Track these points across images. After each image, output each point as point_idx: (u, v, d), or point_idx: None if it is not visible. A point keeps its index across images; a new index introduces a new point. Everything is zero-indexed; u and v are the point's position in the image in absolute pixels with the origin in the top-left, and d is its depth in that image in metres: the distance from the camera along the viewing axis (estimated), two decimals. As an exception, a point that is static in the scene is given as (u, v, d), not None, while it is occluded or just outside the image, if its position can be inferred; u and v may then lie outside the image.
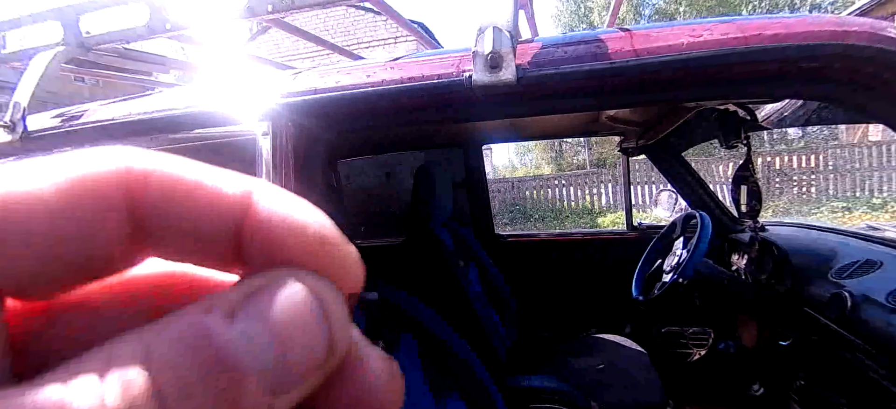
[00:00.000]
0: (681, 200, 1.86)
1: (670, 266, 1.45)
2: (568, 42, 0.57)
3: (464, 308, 1.48)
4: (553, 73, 0.53)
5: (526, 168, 15.39)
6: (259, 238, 0.10)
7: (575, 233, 2.20)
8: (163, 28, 0.82)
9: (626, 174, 2.02)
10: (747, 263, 1.56)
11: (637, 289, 1.57)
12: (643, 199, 7.64)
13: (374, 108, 0.64)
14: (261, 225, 0.10)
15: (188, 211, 0.10)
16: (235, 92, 0.74)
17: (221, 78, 1.21)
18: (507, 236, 2.26)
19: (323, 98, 0.66)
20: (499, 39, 0.54)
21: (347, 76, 0.67)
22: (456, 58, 0.61)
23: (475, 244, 1.84)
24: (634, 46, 0.52)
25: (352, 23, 11.21)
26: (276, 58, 1.74)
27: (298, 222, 0.10)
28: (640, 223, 2.03)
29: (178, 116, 0.74)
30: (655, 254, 1.63)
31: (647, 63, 0.50)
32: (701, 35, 0.50)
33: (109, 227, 0.09)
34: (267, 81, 0.73)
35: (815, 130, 7.10)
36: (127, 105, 0.84)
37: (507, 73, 0.54)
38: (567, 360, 1.63)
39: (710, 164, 7.70)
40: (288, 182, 0.69)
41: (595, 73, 0.52)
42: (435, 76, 0.60)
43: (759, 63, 0.48)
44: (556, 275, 2.06)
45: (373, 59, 0.71)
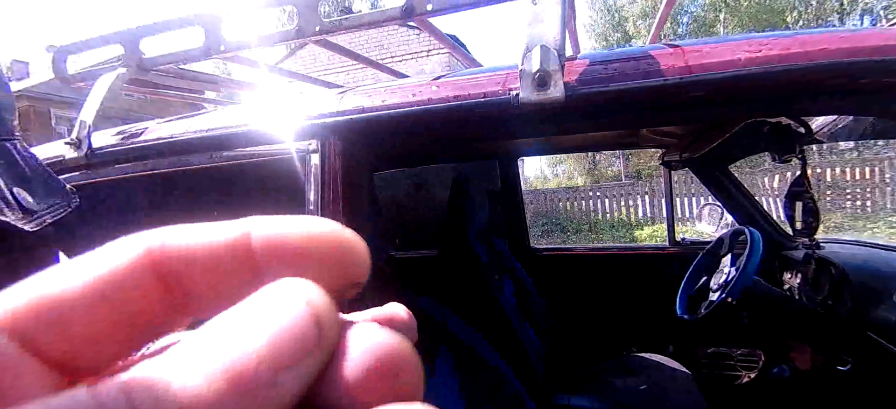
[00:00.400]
0: (727, 214, 1.78)
1: (718, 284, 1.39)
2: (617, 59, 0.56)
3: (499, 323, 1.47)
4: (603, 90, 0.52)
5: (558, 179, 15.20)
6: (266, 262, 0.12)
7: (613, 248, 2.15)
8: (217, 49, 0.87)
9: (668, 188, 1.96)
10: (802, 282, 1.48)
11: (682, 307, 1.51)
12: (684, 212, 7.39)
13: (420, 126, 0.65)
14: (263, 253, 0.12)
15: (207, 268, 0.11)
16: (287, 111, 0.76)
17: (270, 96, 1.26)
18: (542, 249, 2.23)
19: (370, 117, 0.67)
20: (546, 58, 0.53)
21: (393, 95, 0.68)
22: (502, 76, 0.61)
23: (511, 258, 1.83)
24: (687, 63, 0.51)
25: (385, 36, 11.44)
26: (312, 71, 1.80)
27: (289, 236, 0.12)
28: (683, 238, 1.97)
29: (233, 134, 0.77)
30: (701, 271, 1.56)
31: (702, 80, 0.48)
32: (760, 51, 0.48)
33: (144, 305, 0.11)
34: (317, 100, 0.75)
35: (870, 141, 6.70)
36: (184, 123, 0.88)
37: (556, 90, 0.53)
38: (608, 379, 1.58)
39: (754, 175, 7.38)
40: (335, 196, 0.71)
41: (647, 90, 0.51)
42: (481, 95, 0.60)
43: (825, 79, 0.45)
44: (593, 291, 2.01)
45: (418, 78, 0.73)
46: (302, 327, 0.10)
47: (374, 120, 0.67)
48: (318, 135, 0.71)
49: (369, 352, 0.11)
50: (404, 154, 1.81)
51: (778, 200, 6.84)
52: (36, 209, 0.40)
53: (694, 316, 1.42)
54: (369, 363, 0.11)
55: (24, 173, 0.41)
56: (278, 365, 0.10)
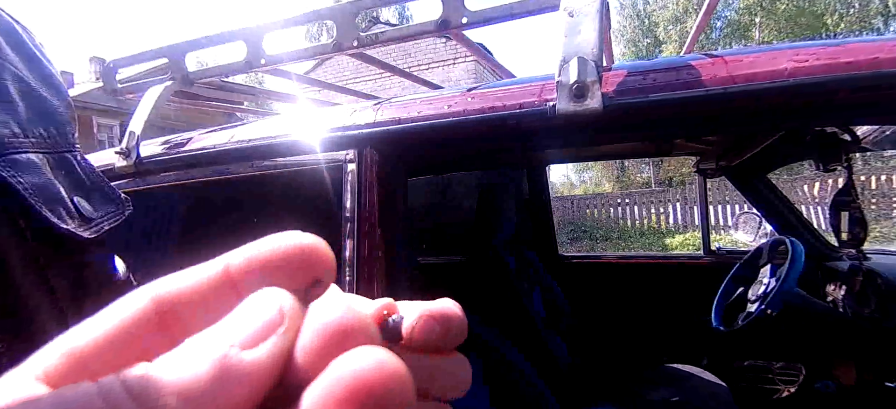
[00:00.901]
0: (765, 224, 1.73)
1: (756, 295, 1.35)
2: (655, 69, 0.56)
3: (527, 331, 1.46)
4: (642, 101, 0.52)
5: (585, 186, 14.97)
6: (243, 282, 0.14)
7: (645, 256, 2.11)
8: (259, 63, 0.90)
9: (703, 196, 1.91)
10: (846, 294, 1.41)
11: (717, 319, 1.47)
12: (717, 220, 7.17)
13: (455, 137, 0.66)
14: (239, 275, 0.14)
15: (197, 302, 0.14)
16: (325, 122, 0.79)
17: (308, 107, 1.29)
18: (570, 257, 2.21)
19: (406, 128, 0.68)
20: (584, 69, 0.54)
21: (428, 107, 0.69)
22: (537, 87, 0.62)
23: (539, 266, 1.81)
24: (730, 73, 0.50)
25: (412, 44, 11.55)
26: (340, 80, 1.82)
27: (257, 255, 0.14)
28: (719, 248, 1.91)
29: (274, 144, 0.80)
30: (738, 282, 1.52)
31: (745, 91, 0.48)
32: (806, 60, 0.47)
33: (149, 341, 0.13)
34: (353, 111, 0.77)
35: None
36: (227, 133, 0.92)
37: (593, 102, 0.53)
38: (639, 391, 1.55)
39: (794, 183, 7.10)
40: (371, 204, 0.72)
41: (686, 101, 0.51)
42: (516, 106, 0.61)
43: (879, 89, 0.44)
44: (624, 300, 1.97)
45: (452, 89, 0.74)
46: (267, 314, 0.13)
47: (410, 131, 0.69)
48: (355, 145, 0.73)
49: (320, 326, 0.13)
50: (437, 163, 1.83)
51: (819, 208, 6.56)
52: (94, 217, 0.41)
53: (730, 328, 1.38)
54: (320, 334, 0.13)
55: (82, 182, 0.42)
56: (247, 345, 0.12)
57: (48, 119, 0.41)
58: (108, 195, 0.45)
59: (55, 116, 0.42)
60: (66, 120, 0.44)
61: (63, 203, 0.38)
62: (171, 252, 1.00)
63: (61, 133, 0.42)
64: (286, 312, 0.13)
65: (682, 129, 0.54)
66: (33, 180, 0.36)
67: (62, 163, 0.41)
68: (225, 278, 0.14)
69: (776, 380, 1.70)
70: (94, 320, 0.13)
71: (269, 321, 0.13)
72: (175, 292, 0.14)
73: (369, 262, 0.71)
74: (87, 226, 0.40)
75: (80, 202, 0.40)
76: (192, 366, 0.12)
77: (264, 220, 0.92)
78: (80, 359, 0.12)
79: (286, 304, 0.13)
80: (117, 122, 10.53)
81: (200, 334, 0.13)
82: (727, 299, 1.50)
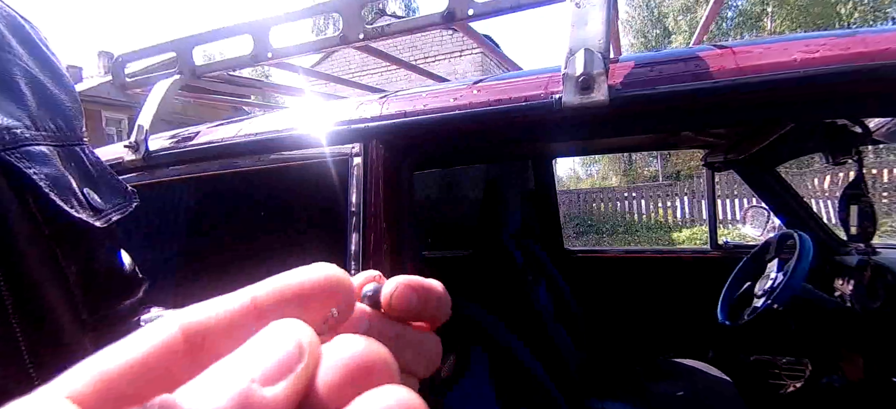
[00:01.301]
0: (773, 217, 1.71)
1: (763, 290, 1.34)
2: (663, 61, 0.55)
3: (534, 325, 1.46)
4: (649, 93, 0.52)
5: (592, 179, 14.89)
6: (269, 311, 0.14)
7: (651, 251, 2.10)
8: (265, 57, 0.90)
9: (711, 189, 1.89)
10: (855, 289, 1.40)
11: (723, 313, 1.46)
12: (726, 214, 7.12)
13: (461, 129, 0.66)
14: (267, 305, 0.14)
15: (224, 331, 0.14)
16: (331, 115, 0.79)
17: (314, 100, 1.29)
18: (577, 251, 2.20)
19: (412, 121, 0.69)
20: (591, 61, 0.53)
21: (434, 100, 0.69)
22: (543, 79, 0.61)
23: (546, 260, 1.81)
24: (738, 65, 0.50)
25: (418, 37, 11.51)
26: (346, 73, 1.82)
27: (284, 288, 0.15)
28: (726, 242, 1.90)
29: (280, 137, 0.80)
30: (745, 276, 1.51)
31: (754, 82, 0.47)
32: (817, 51, 0.46)
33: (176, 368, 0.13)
34: (359, 104, 0.78)
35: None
36: (233, 127, 0.92)
37: (600, 94, 0.53)
38: (644, 384, 1.55)
39: (803, 176, 7.02)
40: (377, 198, 0.73)
41: (696, 93, 0.50)
42: (522, 99, 0.61)
43: (889, 81, 0.43)
44: (630, 294, 1.97)
45: (458, 82, 0.74)
46: (286, 351, 0.13)
47: (416, 124, 0.69)
48: (361, 138, 0.73)
49: (342, 362, 0.13)
50: (443, 156, 1.83)
51: (829, 202, 6.48)
52: (103, 208, 0.42)
53: (736, 322, 1.38)
54: (342, 370, 0.13)
55: (91, 175, 0.43)
56: (267, 381, 0.12)
57: (57, 113, 0.42)
58: (115, 187, 0.46)
59: (63, 109, 0.43)
60: (74, 114, 0.45)
61: (75, 194, 0.39)
62: (180, 244, 1.01)
63: (70, 127, 0.43)
64: (306, 347, 0.13)
65: (690, 121, 0.54)
66: (47, 172, 0.37)
67: (71, 156, 0.42)
68: (252, 308, 0.14)
69: (782, 375, 1.70)
70: (124, 344, 0.13)
71: (288, 357, 0.13)
72: (203, 321, 0.14)
73: (374, 255, 0.72)
74: (97, 216, 0.41)
75: (90, 193, 0.41)
76: (213, 400, 0.12)
77: (271, 213, 0.93)
78: (110, 383, 0.13)
79: (305, 338, 0.13)
80: (126, 116, 10.61)
81: (221, 364, 0.13)
82: (734, 294, 1.49)
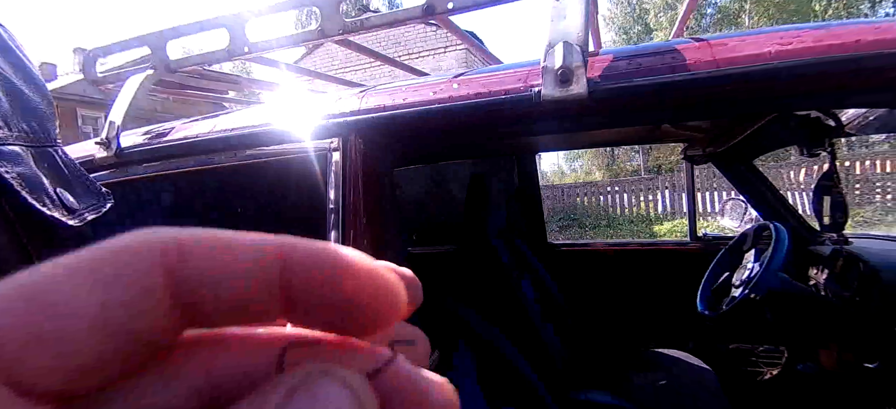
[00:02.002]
0: (751, 209, 1.75)
1: (740, 280, 1.37)
2: (641, 54, 0.56)
3: (519, 320, 1.47)
4: (627, 86, 0.52)
5: (576, 174, 15.02)
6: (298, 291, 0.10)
7: (633, 243, 2.13)
8: (242, 51, 0.88)
9: (690, 182, 1.92)
10: (828, 278, 1.44)
11: (703, 304, 1.49)
12: (705, 206, 7.26)
13: (441, 124, 0.66)
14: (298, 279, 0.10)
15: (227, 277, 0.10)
16: (309, 110, 0.77)
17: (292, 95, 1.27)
18: (560, 245, 2.22)
19: (391, 115, 0.68)
20: (570, 54, 0.53)
21: (414, 94, 0.68)
22: (524, 72, 0.61)
23: (529, 255, 1.82)
24: (715, 57, 0.50)
25: (402, 33, 11.44)
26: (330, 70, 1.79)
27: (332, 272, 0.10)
28: (705, 234, 1.93)
29: (256, 133, 0.79)
30: (723, 267, 1.54)
31: (729, 74, 0.48)
32: (790, 43, 0.47)
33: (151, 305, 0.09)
34: (337, 99, 0.76)
35: (903, 132, 6.45)
36: (209, 123, 0.90)
37: (579, 87, 0.53)
38: (626, 375, 1.57)
39: (779, 169, 7.19)
40: (356, 194, 0.72)
41: (671, 85, 0.51)
42: (502, 92, 0.60)
43: (862, 72, 0.44)
44: (612, 287, 1.99)
45: (438, 76, 0.73)
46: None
47: (396, 118, 0.68)
48: (340, 133, 0.72)
49: None
50: (425, 152, 1.82)
51: (805, 194, 6.66)
52: (77, 208, 0.42)
53: (715, 312, 1.40)
54: None
55: (64, 176, 0.43)
56: None
57: (31, 115, 0.42)
58: (88, 188, 0.46)
59: (37, 111, 0.43)
60: (47, 116, 0.45)
61: (47, 193, 0.39)
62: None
63: (43, 128, 0.43)
64: None
65: (668, 114, 0.54)
66: (20, 171, 0.37)
67: (44, 156, 0.42)
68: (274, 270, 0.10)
69: (760, 363, 1.74)
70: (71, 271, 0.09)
71: None
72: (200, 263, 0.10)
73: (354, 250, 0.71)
74: (71, 216, 0.41)
75: (63, 193, 0.42)
76: None
77: (247, 211, 0.91)
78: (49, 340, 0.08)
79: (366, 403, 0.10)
80: (102, 114, 10.32)
81: None
82: (712, 285, 1.52)
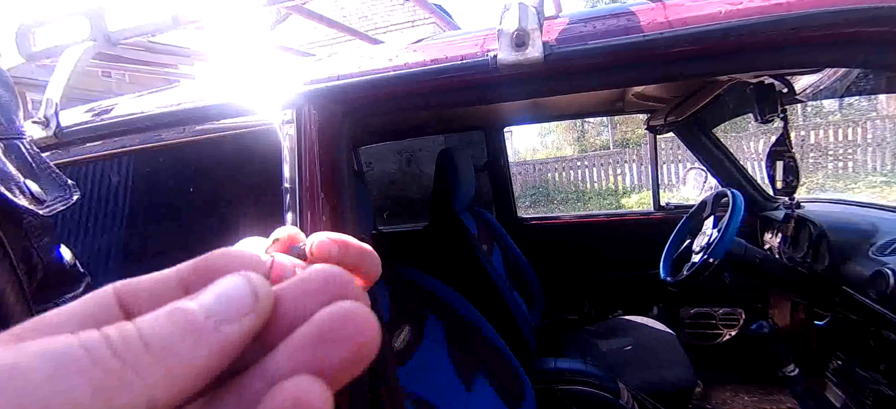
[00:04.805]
0: (711, 178, 1.80)
1: (700, 246, 1.42)
2: (597, 16, 0.55)
3: (489, 292, 1.48)
4: (582, 48, 0.51)
5: (547, 150, 15.18)
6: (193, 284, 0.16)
7: (599, 215, 2.17)
8: (188, 20, 0.83)
9: (654, 153, 1.97)
10: (782, 241, 1.51)
11: (665, 270, 1.53)
12: (670, 178, 7.47)
13: (398, 91, 0.64)
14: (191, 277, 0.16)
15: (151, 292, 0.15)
16: (260, 82, 0.74)
17: (246, 68, 1.22)
18: (530, 218, 2.24)
19: (346, 84, 0.65)
20: (525, 16, 0.52)
21: (370, 61, 0.66)
22: (480, 37, 0.60)
23: (498, 228, 1.83)
24: (668, 17, 0.50)
25: (369, 8, 11.16)
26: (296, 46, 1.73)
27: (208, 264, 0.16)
28: (667, 203, 1.99)
29: (205, 107, 0.75)
30: (684, 234, 1.59)
31: (681, 35, 0.48)
32: (740, 2, 0.47)
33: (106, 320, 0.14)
34: (290, 69, 0.73)
35: (853, 102, 6.77)
36: (155, 98, 0.85)
37: (534, 50, 0.52)
38: (594, 342, 1.62)
39: (740, 140, 7.45)
40: (313, 169, 0.69)
41: (626, 47, 0.50)
42: (459, 57, 0.59)
43: (807, 30, 0.45)
44: (580, 257, 2.03)
45: (395, 43, 0.71)
46: (242, 296, 0.14)
47: (351, 86, 0.66)
48: (293, 105, 0.69)
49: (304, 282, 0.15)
50: (388, 126, 1.79)
51: (762, 163, 6.93)
52: (46, 199, 0.44)
53: (677, 277, 1.45)
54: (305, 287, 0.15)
55: (32, 168, 0.44)
56: (221, 319, 0.14)
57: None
58: (55, 180, 0.47)
59: (3, 105, 0.44)
60: (13, 108, 0.46)
61: (16, 183, 0.40)
62: (101, 228, 0.94)
63: (8, 121, 0.44)
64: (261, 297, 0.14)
65: (624, 76, 0.54)
66: None
67: (12, 149, 0.43)
68: (176, 278, 0.16)
69: (719, 325, 1.82)
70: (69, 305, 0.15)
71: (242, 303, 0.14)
72: (133, 286, 0.15)
73: (314, 231, 0.69)
74: (40, 206, 0.42)
75: (31, 185, 0.42)
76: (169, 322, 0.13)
77: (199, 191, 0.87)
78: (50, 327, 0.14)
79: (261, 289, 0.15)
80: (50, 95, 9.74)
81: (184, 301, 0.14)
82: (674, 252, 1.57)
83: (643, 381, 1.40)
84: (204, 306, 0.14)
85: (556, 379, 1.28)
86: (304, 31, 11.03)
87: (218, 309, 0.14)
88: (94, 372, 0.11)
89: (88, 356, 0.12)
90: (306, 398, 0.13)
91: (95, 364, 0.12)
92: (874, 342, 1.17)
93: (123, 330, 0.12)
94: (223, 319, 0.13)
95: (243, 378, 0.14)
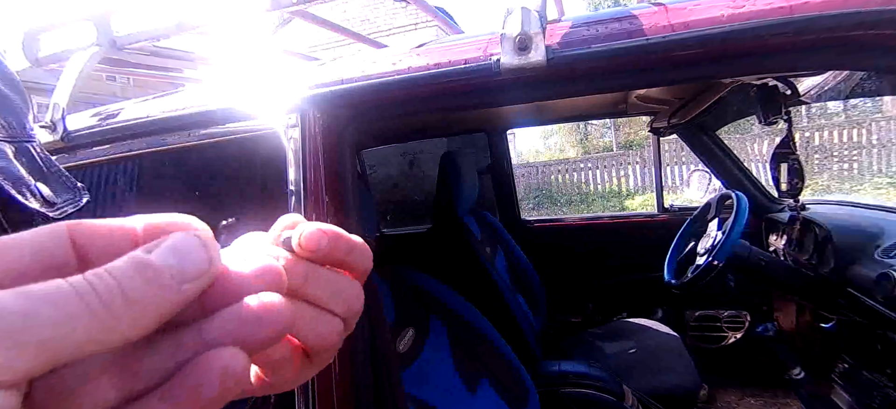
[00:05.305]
0: (715, 180, 1.79)
1: (704, 248, 1.41)
2: (599, 20, 0.55)
3: (492, 295, 1.48)
4: (584, 52, 0.51)
5: (550, 152, 15.15)
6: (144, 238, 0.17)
7: (603, 217, 2.17)
8: (192, 25, 0.84)
9: (657, 155, 1.96)
10: (787, 243, 1.50)
11: (669, 273, 1.53)
12: (674, 180, 7.44)
13: (402, 95, 0.64)
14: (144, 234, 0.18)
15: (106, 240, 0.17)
16: (264, 86, 0.74)
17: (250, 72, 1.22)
18: (533, 221, 2.24)
19: (350, 88, 0.66)
20: (527, 20, 0.52)
21: (374, 65, 0.66)
22: (483, 41, 0.60)
23: (502, 231, 1.83)
24: (670, 21, 0.50)
25: (372, 11, 11.19)
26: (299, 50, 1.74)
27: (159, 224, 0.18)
28: (671, 205, 1.98)
29: (210, 112, 0.75)
30: (688, 236, 1.58)
31: (683, 38, 0.48)
32: (743, 6, 0.47)
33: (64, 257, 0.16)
34: (295, 73, 0.74)
35: (858, 103, 6.73)
36: (160, 103, 0.86)
37: (537, 54, 0.52)
38: (598, 345, 1.61)
39: (744, 142, 7.42)
40: (317, 173, 0.69)
41: (628, 51, 0.50)
42: (462, 61, 0.59)
43: (809, 34, 0.45)
44: (584, 260, 2.03)
45: (399, 47, 0.71)
46: (200, 260, 0.16)
47: (355, 91, 0.66)
48: (298, 109, 0.69)
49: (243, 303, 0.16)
50: (391, 129, 1.79)
51: (767, 165, 6.89)
52: (57, 202, 0.44)
53: (681, 280, 1.45)
54: None
55: (42, 171, 0.45)
56: (182, 279, 0.16)
57: (9, 112, 0.44)
58: (64, 183, 0.47)
59: (14, 108, 0.45)
60: (24, 112, 0.46)
61: (28, 186, 0.41)
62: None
63: (20, 124, 0.45)
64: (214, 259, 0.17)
65: (626, 80, 0.54)
66: (1, 165, 0.39)
67: (23, 152, 0.44)
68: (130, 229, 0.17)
69: (724, 328, 1.81)
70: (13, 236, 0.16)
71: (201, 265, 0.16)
72: (88, 226, 0.17)
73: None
74: (51, 208, 0.42)
75: (42, 187, 0.43)
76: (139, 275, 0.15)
77: (204, 194, 0.88)
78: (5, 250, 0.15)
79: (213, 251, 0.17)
80: (56, 99, 9.81)
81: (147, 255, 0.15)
82: (679, 254, 1.56)
83: (648, 384, 1.39)
84: (167, 263, 0.15)
85: (560, 382, 1.28)
86: (306, 35, 11.07)
87: (180, 268, 0.15)
88: (88, 317, 0.14)
89: (82, 302, 0.14)
90: (233, 367, 0.15)
91: (89, 310, 0.14)
92: (880, 344, 1.16)
93: (105, 280, 0.14)
94: (184, 279, 0.15)
95: (181, 332, 0.16)
